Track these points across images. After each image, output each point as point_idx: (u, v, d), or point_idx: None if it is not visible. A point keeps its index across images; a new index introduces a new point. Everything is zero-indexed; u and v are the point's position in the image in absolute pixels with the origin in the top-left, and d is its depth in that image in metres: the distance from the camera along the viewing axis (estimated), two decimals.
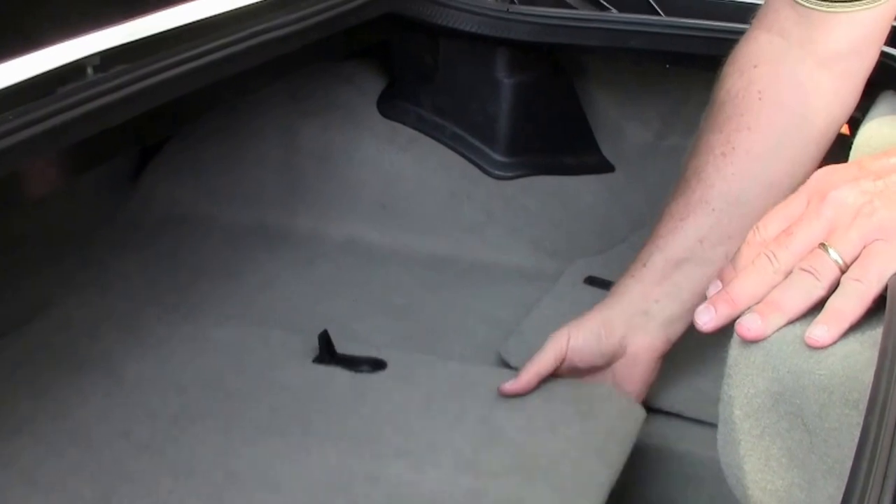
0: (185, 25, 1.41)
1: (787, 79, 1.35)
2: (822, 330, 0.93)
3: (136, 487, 1.19)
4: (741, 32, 1.43)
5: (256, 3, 1.53)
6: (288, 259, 1.81)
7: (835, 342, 0.93)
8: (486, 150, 1.92)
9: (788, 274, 0.98)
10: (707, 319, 1.03)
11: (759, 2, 1.43)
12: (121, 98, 1.23)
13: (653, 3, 1.89)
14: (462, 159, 1.93)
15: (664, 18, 1.83)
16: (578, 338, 1.35)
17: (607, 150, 2.00)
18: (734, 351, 0.99)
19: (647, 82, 1.97)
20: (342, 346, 1.44)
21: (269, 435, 1.28)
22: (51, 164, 1.21)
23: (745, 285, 1.01)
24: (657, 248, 1.36)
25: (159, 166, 2.00)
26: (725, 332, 1.37)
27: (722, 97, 1.38)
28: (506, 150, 1.93)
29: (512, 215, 1.88)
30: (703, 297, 1.15)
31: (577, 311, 1.44)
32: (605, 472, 1.22)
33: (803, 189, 1.02)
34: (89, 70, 1.28)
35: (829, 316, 0.94)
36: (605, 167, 1.99)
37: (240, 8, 1.50)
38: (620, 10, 1.90)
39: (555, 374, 1.36)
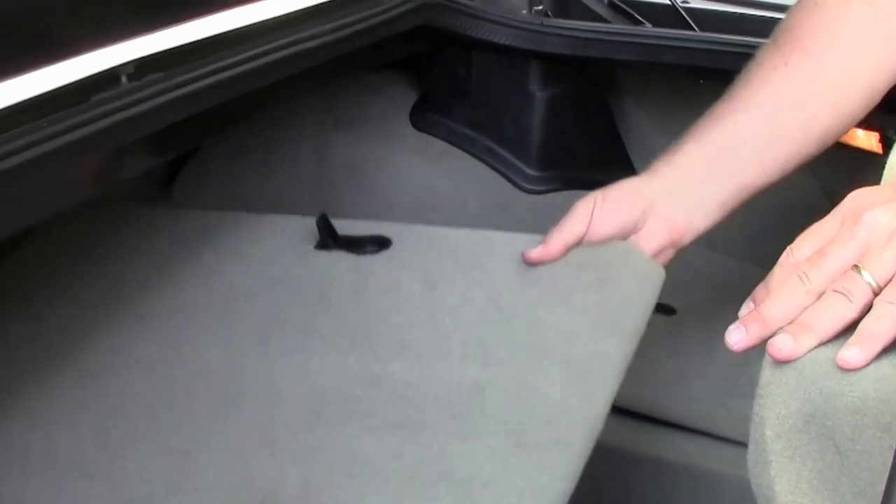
0: (219, 35, 1.41)
1: (848, 20, 1.34)
2: (855, 352, 0.92)
3: (136, 408, 1.18)
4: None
5: (290, 13, 1.53)
6: None
7: (867, 365, 0.92)
8: (519, 163, 1.92)
9: (821, 295, 0.98)
10: (738, 339, 1.02)
11: None
12: (154, 107, 1.23)
13: (687, 17, 1.89)
14: (494, 173, 1.92)
15: (699, 34, 1.82)
16: (605, 207, 1.34)
17: (640, 166, 2.00)
18: (766, 371, 0.98)
19: (681, 98, 1.96)
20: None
21: (269, 338, 1.25)
22: (84, 172, 1.21)
23: (777, 306, 1.00)
24: (693, 139, 1.37)
25: (190, 176, 2.00)
26: (756, 350, 1.37)
27: (780, 29, 1.39)
28: (538, 164, 1.93)
29: (544, 229, 1.88)
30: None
31: None
32: (620, 349, 1.19)
33: (837, 210, 1.02)
34: (123, 78, 1.28)
35: (862, 338, 0.93)
36: None
37: (274, 18, 1.50)
38: (654, 24, 1.90)
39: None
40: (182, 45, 1.35)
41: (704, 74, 1.78)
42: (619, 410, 1.44)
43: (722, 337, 1.03)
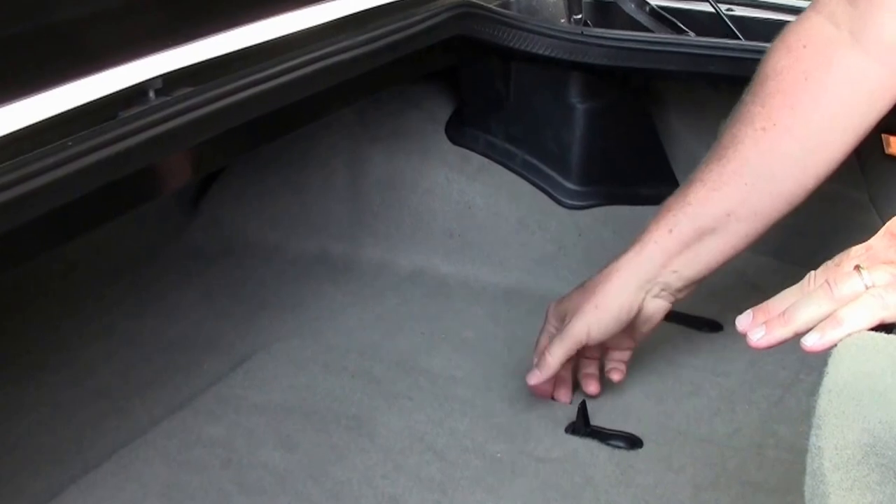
0: (250, 48, 1.40)
1: (834, 64, 1.35)
2: (815, 336, 0.94)
3: None
4: None
5: (323, 24, 1.51)
6: (353, 290, 1.79)
7: (826, 349, 0.92)
8: (559, 178, 1.90)
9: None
10: (759, 337, 1.01)
11: None
12: (184, 123, 1.22)
13: (732, 26, 1.86)
14: (533, 188, 1.90)
15: (744, 42, 1.80)
16: (599, 330, 1.41)
17: (683, 180, 1.97)
18: (822, 400, 0.96)
19: (726, 108, 1.93)
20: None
21: None
22: (111, 193, 1.20)
23: (803, 309, 0.99)
24: (685, 216, 1.40)
25: (222, 191, 1.99)
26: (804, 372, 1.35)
27: (767, 72, 1.40)
28: (579, 179, 1.90)
29: (585, 246, 1.86)
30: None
31: (652, 346, 1.41)
32: None
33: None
34: (151, 93, 1.27)
35: (827, 322, 0.94)
36: (673, 187, 1.96)
37: (306, 30, 1.49)
38: (698, 33, 1.87)
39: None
40: (211, 59, 1.34)
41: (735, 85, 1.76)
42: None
43: (770, 356, 1.04)
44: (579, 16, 1.91)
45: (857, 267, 0.97)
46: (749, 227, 1.38)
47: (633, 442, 1.40)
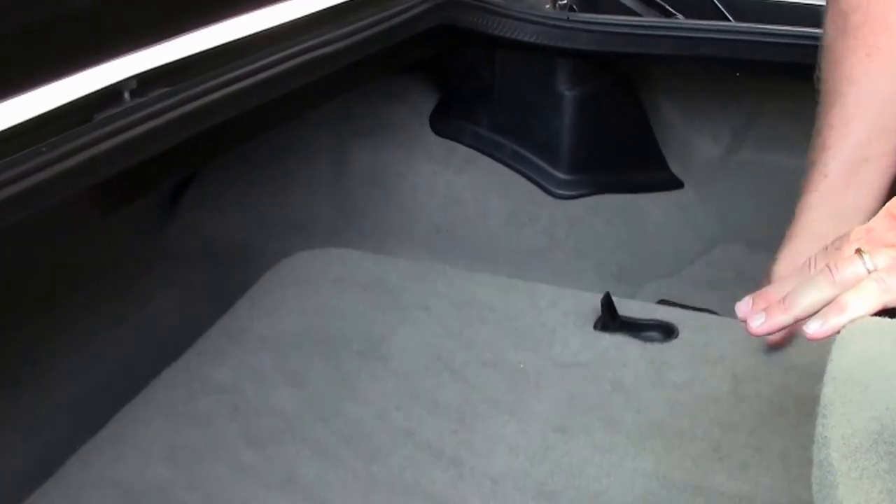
0: (227, 45, 1.39)
1: None
2: (818, 323, 0.95)
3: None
4: (816, 37, 1.40)
5: (302, 18, 1.51)
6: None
7: (829, 336, 0.93)
8: (548, 168, 1.90)
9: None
10: (759, 323, 1.04)
11: None
12: (160, 125, 1.21)
13: (721, 7, 1.86)
14: (522, 179, 1.90)
15: (734, 24, 1.80)
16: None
17: (675, 166, 1.97)
18: (827, 388, 0.95)
19: (717, 92, 1.94)
20: None
21: (567, 424, 1.20)
22: (87, 197, 1.19)
23: (804, 294, 1.01)
24: (832, 158, 1.36)
25: (200, 190, 1.98)
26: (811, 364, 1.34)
27: (844, 9, 1.38)
28: (569, 168, 1.90)
29: (576, 237, 1.85)
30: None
31: None
32: None
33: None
34: (126, 94, 1.26)
35: (829, 308, 0.95)
36: (673, 184, 1.96)
37: (284, 24, 1.48)
38: (687, 16, 1.87)
39: None
40: (187, 57, 1.34)
41: (741, 67, 1.75)
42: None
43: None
44: (565, 1, 1.91)
45: (859, 250, 0.97)
46: (891, 142, 1.36)
47: (668, 331, 1.32)
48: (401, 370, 1.31)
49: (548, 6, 1.92)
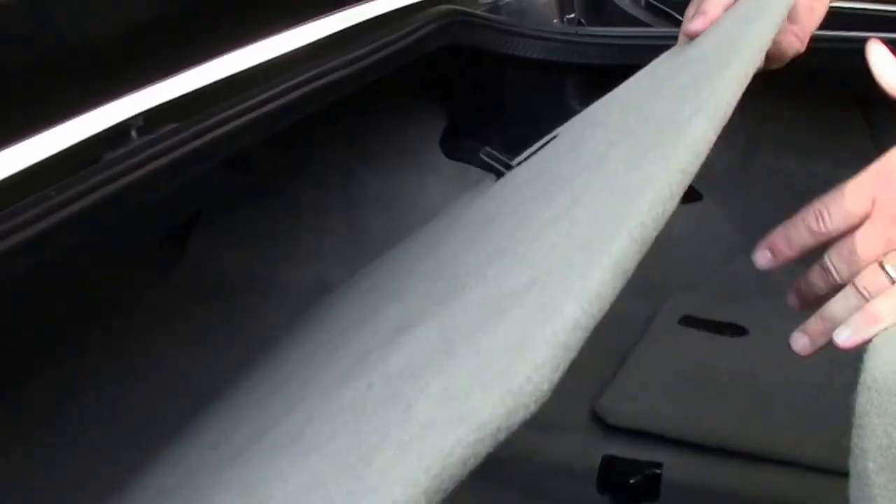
0: (232, 77, 1.39)
1: None
2: (847, 332, 0.95)
3: None
4: (829, 40, 1.40)
5: (308, 45, 1.51)
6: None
7: (857, 346, 0.93)
8: None
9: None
10: (803, 345, 1.04)
11: (844, 7, 1.40)
12: (169, 162, 1.21)
13: None
14: None
15: None
16: None
17: (696, 181, 1.97)
18: (862, 399, 0.95)
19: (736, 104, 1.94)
20: None
21: None
22: (96, 240, 1.20)
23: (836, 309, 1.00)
24: None
25: (208, 225, 1.98)
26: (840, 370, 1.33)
27: None
28: None
29: None
30: None
31: (677, 357, 1.40)
32: None
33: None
34: (133, 132, 1.26)
35: (859, 317, 0.95)
36: (691, 195, 1.96)
37: (289, 53, 1.48)
38: None
39: None
40: (193, 91, 1.34)
41: (757, 76, 1.75)
42: (694, 444, 1.41)
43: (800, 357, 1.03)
44: (572, 15, 1.91)
45: (881, 264, 0.97)
46: None
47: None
48: None
49: (556, 21, 1.92)
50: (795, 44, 1.24)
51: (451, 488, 0.58)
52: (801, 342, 1.04)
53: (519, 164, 1.30)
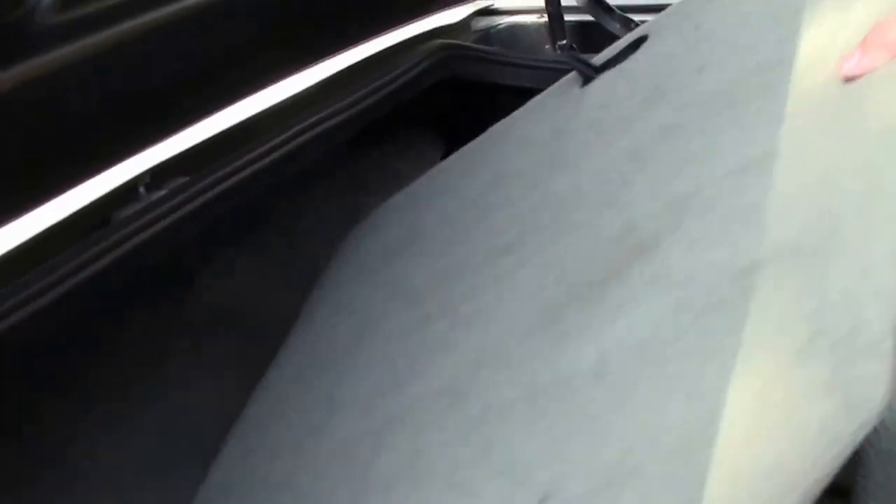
0: (234, 127, 1.42)
1: None
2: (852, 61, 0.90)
3: None
4: None
5: (305, 91, 1.53)
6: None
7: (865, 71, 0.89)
8: None
9: None
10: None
11: None
12: (183, 216, 1.23)
13: None
14: None
15: None
16: None
17: None
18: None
19: None
20: None
21: None
22: (108, 298, 1.22)
23: None
24: None
25: (212, 261, 1.99)
26: None
27: None
28: None
29: None
30: None
31: None
32: None
33: None
34: (141, 189, 1.29)
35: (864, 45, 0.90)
36: None
37: (288, 99, 1.51)
38: None
39: None
40: (197, 144, 1.36)
41: None
42: None
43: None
44: (564, 41, 1.92)
45: None
46: None
47: None
48: None
49: (547, 47, 1.94)
50: None
51: None
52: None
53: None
